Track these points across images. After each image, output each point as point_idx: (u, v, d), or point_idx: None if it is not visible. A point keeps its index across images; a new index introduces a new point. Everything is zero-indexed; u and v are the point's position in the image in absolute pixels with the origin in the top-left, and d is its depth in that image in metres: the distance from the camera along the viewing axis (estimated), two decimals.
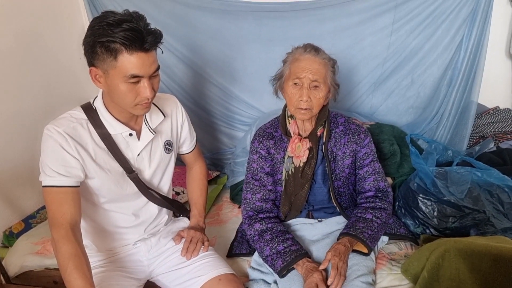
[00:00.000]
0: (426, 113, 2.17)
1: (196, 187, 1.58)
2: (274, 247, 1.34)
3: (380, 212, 1.42)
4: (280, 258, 1.31)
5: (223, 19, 2.18)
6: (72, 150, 1.14)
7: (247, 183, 1.48)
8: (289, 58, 1.40)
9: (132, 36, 1.03)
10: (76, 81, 2.28)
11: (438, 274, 1.27)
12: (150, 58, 1.09)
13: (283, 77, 1.40)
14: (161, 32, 1.12)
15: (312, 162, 1.41)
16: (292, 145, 1.41)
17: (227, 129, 2.46)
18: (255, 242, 1.41)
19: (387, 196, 1.46)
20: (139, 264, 1.38)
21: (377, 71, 2.15)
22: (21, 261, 1.71)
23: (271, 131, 1.49)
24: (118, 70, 1.07)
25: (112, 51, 1.05)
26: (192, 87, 2.40)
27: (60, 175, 1.14)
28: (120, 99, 1.13)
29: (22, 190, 1.98)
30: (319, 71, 1.33)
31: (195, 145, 1.55)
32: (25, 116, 1.99)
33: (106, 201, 1.28)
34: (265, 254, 1.36)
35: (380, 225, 1.40)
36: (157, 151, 1.34)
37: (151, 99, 1.15)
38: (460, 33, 1.98)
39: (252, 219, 1.44)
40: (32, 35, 2.03)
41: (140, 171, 1.31)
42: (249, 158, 1.50)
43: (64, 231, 1.11)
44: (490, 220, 1.51)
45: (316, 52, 1.35)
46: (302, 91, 1.33)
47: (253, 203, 1.45)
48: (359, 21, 2.06)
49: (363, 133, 1.45)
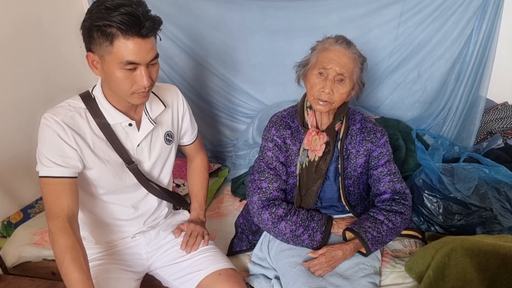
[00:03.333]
0: (432, 107, 2.12)
1: (197, 179, 1.55)
2: (307, 225, 1.35)
3: (395, 216, 1.35)
4: (318, 231, 1.35)
5: (226, 8, 2.14)
6: (70, 140, 1.12)
7: (261, 172, 1.39)
8: (318, 46, 1.34)
9: (129, 20, 1.00)
10: (76, 70, 2.25)
11: (444, 273, 1.24)
12: (147, 45, 1.06)
13: (309, 65, 1.34)
14: (160, 19, 1.08)
15: (327, 158, 1.36)
16: (309, 138, 1.35)
17: (229, 121, 2.44)
18: (275, 224, 1.34)
19: (405, 199, 1.38)
20: (137, 257, 1.36)
21: (383, 64, 2.11)
22: (19, 252, 1.70)
23: (288, 121, 1.41)
24: (114, 55, 1.04)
25: (108, 35, 1.02)
26: (194, 78, 2.37)
27: (57, 165, 1.11)
28: (116, 87, 1.10)
29: (21, 180, 1.97)
30: (347, 65, 1.27)
31: (196, 137, 1.53)
32: (23, 105, 1.97)
33: (104, 193, 1.26)
34: (298, 233, 1.34)
35: (390, 230, 1.33)
36: (157, 142, 1.31)
37: (148, 88, 1.11)
38: (469, 26, 1.93)
39: (270, 205, 1.36)
40: (31, 23, 2.00)
41: (139, 162, 1.28)
42: (263, 145, 1.42)
43: (61, 223, 1.08)
44: (497, 218, 1.48)
45: (348, 45, 1.30)
46: (326, 82, 1.27)
47: (270, 193, 1.37)
48: (365, 13, 2.01)
49: (379, 132, 1.39)
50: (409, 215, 1.39)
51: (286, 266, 1.31)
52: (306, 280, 1.24)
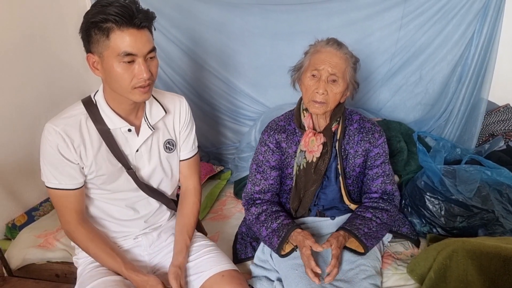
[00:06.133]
0: (434, 110, 2.13)
1: (185, 234, 1.35)
2: (269, 226, 1.35)
3: (381, 212, 1.38)
4: (275, 236, 1.33)
5: (229, 12, 2.15)
6: (70, 153, 1.16)
7: (251, 173, 1.48)
8: (310, 49, 1.37)
9: (123, 12, 1.05)
10: (79, 75, 2.27)
11: (446, 275, 1.24)
12: (143, 37, 1.09)
13: (302, 68, 1.37)
14: (153, 13, 1.13)
15: (326, 158, 1.38)
16: (306, 139, 1.37)
17: (231, 124, 2.45)
18: (253, 225, 1.42)
19: (392, 200, 1.42)
20: (140, 259, 1.37)
21: (385, 66, 2.12)
22: (23, 254, 1.71)
23: (283, 124, 1.45)
24: (112, 49, 1.07)
25: (104, 30, 1.06)
26: (197, 81, 2.38)
27: (60, 181, 1.18)
28: (117, 84, 1.12)
29: (25, 182, 1.98)
30: (338, 65, 1.29)
31: (193, 156, 1.43)
32: (28, 109, 1.99)
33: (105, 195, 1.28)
34: (263, 235, 1.37)
35: (379, 225, 1.36)
36: (156, 149, 1.31)
37: (148, 82, 1.13)
38: (471, 29, 1.94)
39: (250, 204, 1.46)
40: (36, 29, 2.02)
41: (137, 169, 1.29)
42: (257, 148, 1.48)
43: (74, 226, 1.23)
44: (499, 220, 1.48)
45: (339, 46, 1.33)
46: (319, 83, 1.30)
47: (252, 194, 1.46)
48: (367, 15, 2.02)
49: (377, 133, 1.41)
50: (394, 213, 1.42)
51: (288, 268, 1.31)
52: (308, 282, 1.24)
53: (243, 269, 1.49)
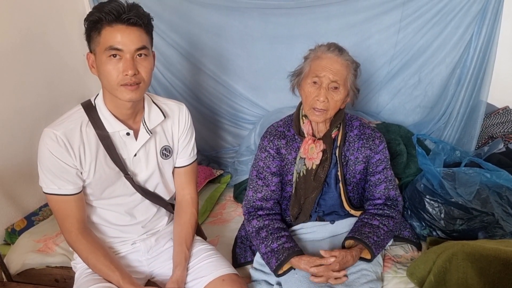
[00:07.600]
0: (433, 112, 2.13)
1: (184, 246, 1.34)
2: (268, 245, 1.32)
3: (388, 220, 1.37)
4: (274, 257, 1.29)
5: (227, 16, 2.15)
6: (70, 158, 1.16)
7: (251, 180, 1.45)
8: (310, 55, 1.35)
9: (113, 8, 1.07)
10: (79, 78, 2.27)
11: (445, 278, 1.24)
12: (131, 33, 1.10)
13: (302, 74, 1.34)
14: (149, 14, 1.15)
15: (325, 165, 1.36)
16: (305, 146, 1.35)
17: (231, 127, 2.45)
18: (252, 238, 1.40)
19: (396, 205, 1.42)
20: (138, 264, 1.37)
21: (384, 69, 2.12)
22: (22, 259, 1.70)
23: (283, 130, 1.43)
24: (101, 45, 1.10)
25: (98, 28, 1.09)
26: (196, 84, 2.38)
27: (58, 186, 1.18)
28: (105, 80, 1.14)
29: (24, 187, 1.98)
30: (340, 72, 1.27)
31: (192, 163, 1.42)
32: (27, 113, 1.98)
33: (101, 200, 1.28)
34: (262, 252, 1.35)
35: (386, 233, 1.36)
36: (153, 154, 1.31)
37: (135, 80, 1.12)
38: (469, 31, 1.94)
39: (251, 215, 1.42)
40: (36, 32, 2.02)
41: (135, 174, 1.29)
42: (256, 154, 1.46)
43: (75, 236, 1.22)
44: (499, 223, 1.48)
45: (340, 52, 1.30)
46: (320, 90, 1.28)
47: (253, 202, 1.42)
48: (365, 19, 2.03)
49: (378, 139, 1.40)
50: (399, 219, 1.42)
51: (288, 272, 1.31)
52: (308, 286, 1.24)
53: (243, 273, 1.49)
